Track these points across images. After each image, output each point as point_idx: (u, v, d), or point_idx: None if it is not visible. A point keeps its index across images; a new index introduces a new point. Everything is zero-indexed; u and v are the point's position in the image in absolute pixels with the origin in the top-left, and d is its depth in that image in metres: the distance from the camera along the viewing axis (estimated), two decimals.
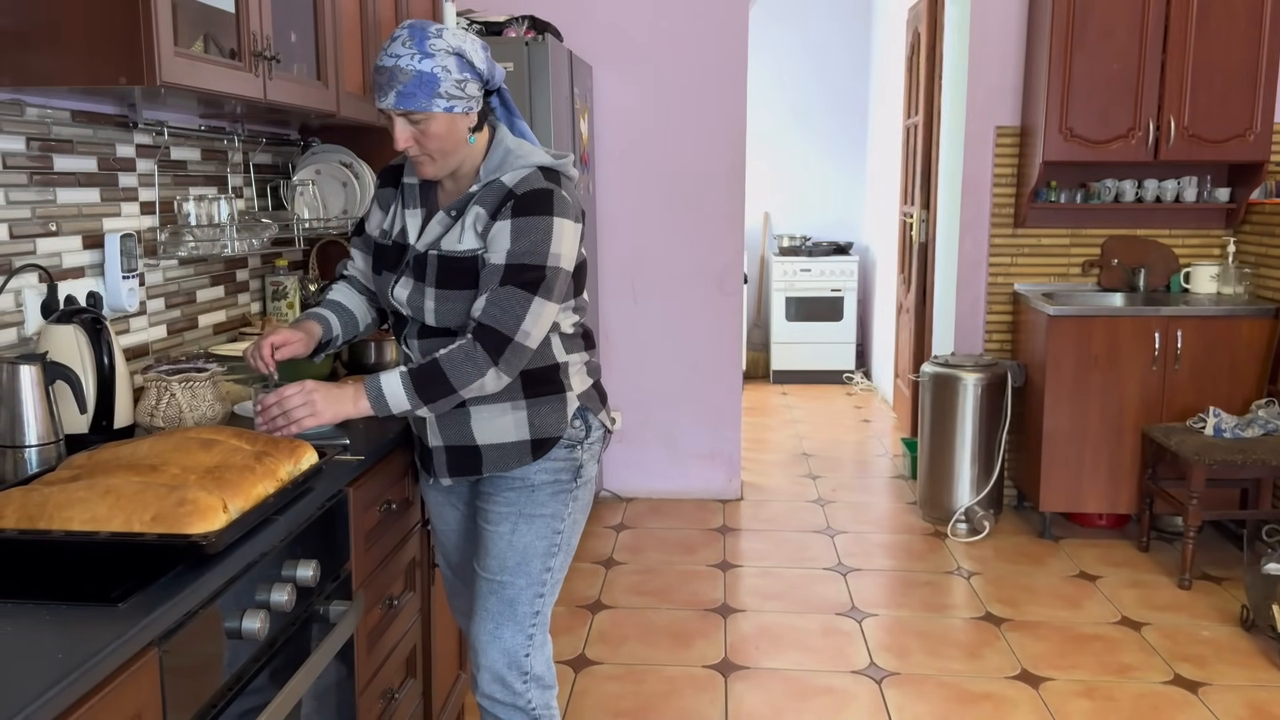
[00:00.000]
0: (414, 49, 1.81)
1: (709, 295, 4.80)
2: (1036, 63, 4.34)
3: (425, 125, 1.85)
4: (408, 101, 1.83)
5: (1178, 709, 2.99)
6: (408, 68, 1.81)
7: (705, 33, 4.61)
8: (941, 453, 4.45)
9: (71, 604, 1.25)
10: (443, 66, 1.82)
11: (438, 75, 1.82)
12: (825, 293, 7.50)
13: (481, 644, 2.06)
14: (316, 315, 2.10)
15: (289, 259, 3.09)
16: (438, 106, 1.84)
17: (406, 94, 1.82)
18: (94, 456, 1.62)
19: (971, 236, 4.66)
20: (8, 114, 1.94)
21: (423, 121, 1.85)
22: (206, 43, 2.00)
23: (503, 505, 2.05)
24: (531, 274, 1.88)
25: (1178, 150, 4.20)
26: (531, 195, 1.89)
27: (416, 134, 1.87)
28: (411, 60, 1.81)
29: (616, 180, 4.73)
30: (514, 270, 1.87)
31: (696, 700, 3.05)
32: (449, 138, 1.88)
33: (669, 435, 4.91)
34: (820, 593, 3.82)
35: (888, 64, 6.94)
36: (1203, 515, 3.81)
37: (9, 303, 1.96)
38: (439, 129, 1.86)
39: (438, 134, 1.87)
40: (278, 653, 1.59)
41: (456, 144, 1.90)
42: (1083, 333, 4.17)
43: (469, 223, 1.93)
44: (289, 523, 1.61)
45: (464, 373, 1.87)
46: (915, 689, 3.11)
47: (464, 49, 1.85)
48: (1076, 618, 3.60)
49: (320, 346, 2.09)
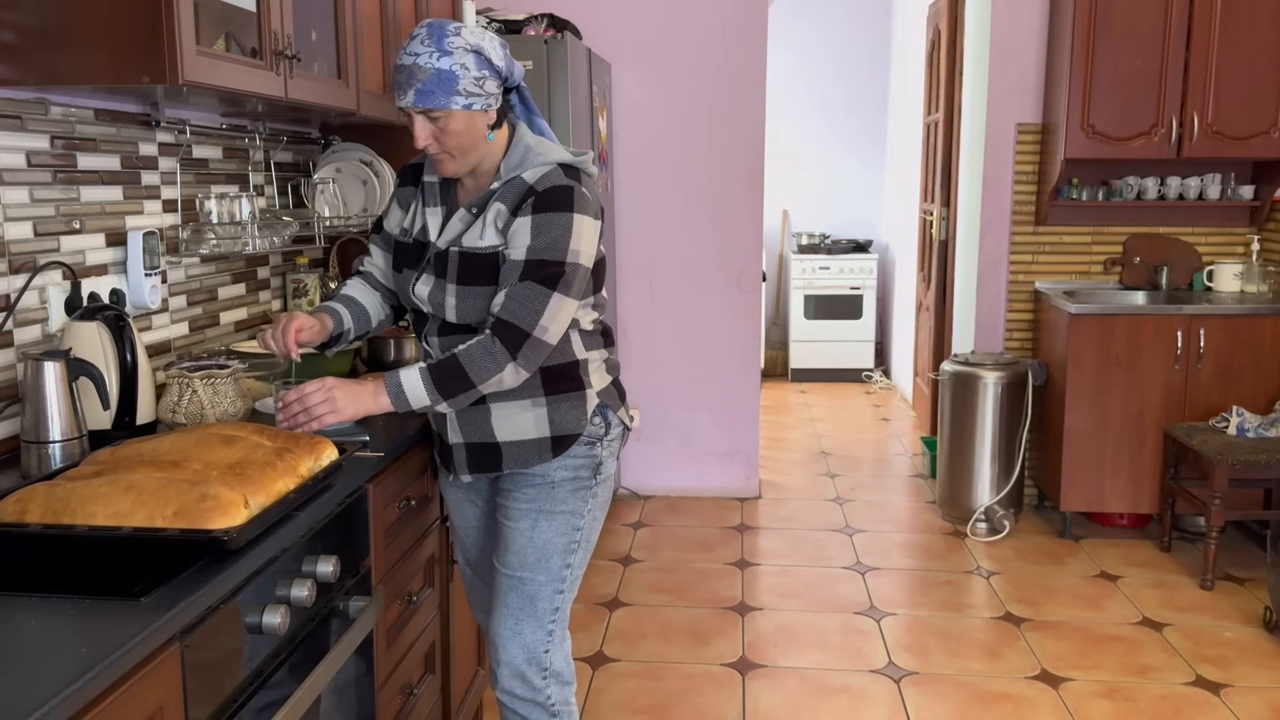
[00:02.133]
0: (432, 47, 1.82)
1: (727, 293, 4.79)
2: (1058, 59, 4.31)
3: (444, 123, 1.86)
4: (426, 99, 1.83)
5: (1199, 710, 2.97)
6: (426, 66, 1.82)
7: (724, 30, 4.61)
8: (961, 452, 4.43)
9: (95, 598, 1.26)
10: (461, 64, 1.83)
11: (456, 73, 1.83)
12: (844, 291, 7.47)
13: (501, 640, 2.07)
14: (329, 309, 2.10)
15: (309, 256, 3.11)
16: (456, 104, 1.84)
17: (425, 92, 1.83)
18: (117, 452, 1.63)
19: (992, 234, 4.63)
20: (32, 113, 1.96)
21: (442, 119, 1.86)
22: (228, 42, 2.01)
23: (523, 502, 2.05)
24: (551, 270, 1.88)
25: (1201, 147, 4.17)
26: (552, 191, 1.90)
27: (436, 131, 1.88)
28: (430, 58, 1.82)
29: (635, 178, 4.73)
30: (533, 266, 1.88)
31: (714, 698, 3.05)
32: (468, 135, 1.89)
33: (687, 433, 4.91)
34: (838, 592, 3.81)
35: (908, 60, 6.91)
36: (1225, 515, 3.78)
37: (33, 300, 1.98)
38: (458, 126, 1.87)
39: (457, 131, 1.87)
40: (298, 648, 1.60)
41: (475, 141, 1.91)
42: (1104, 331, 4.14)
43: (490, 219, 1.93)
44: (309, 519, 1.62)
45: (483, 367, 1.87)
46: (934, 689, 3.10)
47: (482, 46, 1.86)
48: (1097, 618, 3.57)
49: (331, 340, 2.09)
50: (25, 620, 1.22)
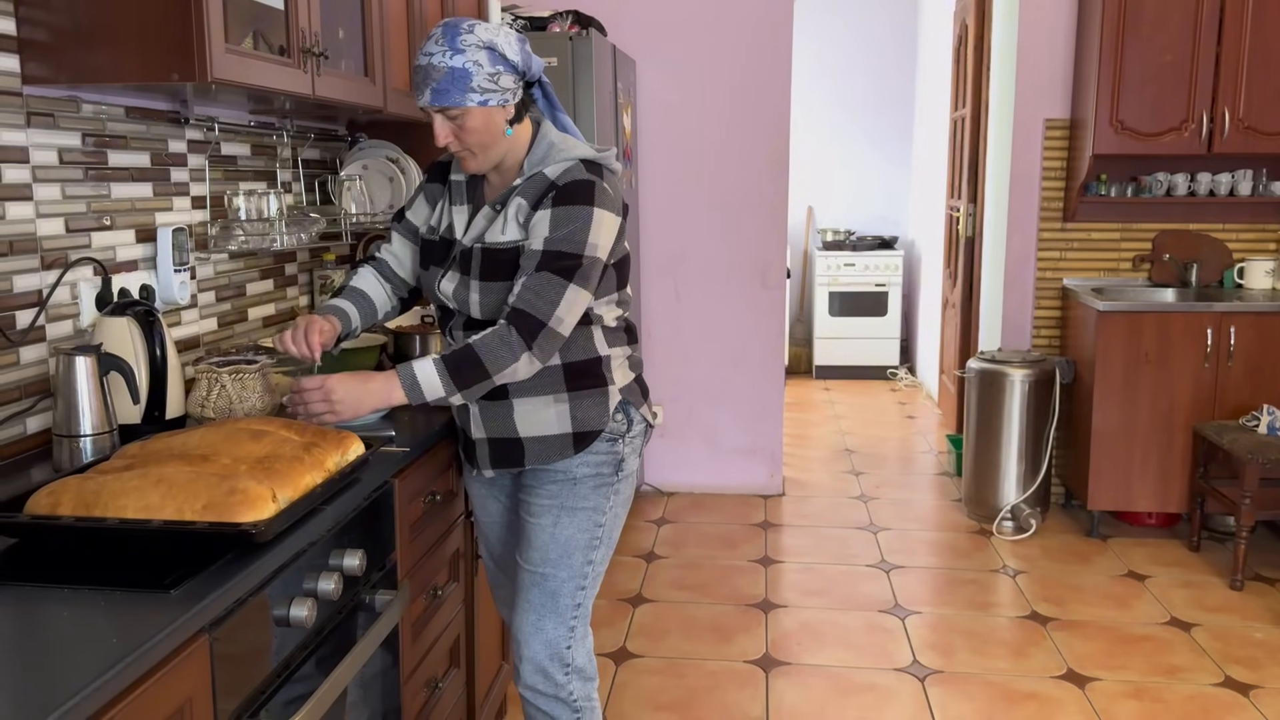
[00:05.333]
0: (445, 46, 1.85)
1: (752, 290, 4.78)
2: (1087, 54, 4.27)
3: (462, 120, 1.88)
4: (442, 98, 1.86)
5: (1228, 711, 2.94)
6: (440, 65, 1.84)
7: (749, 25, 4.59)
8: (987, 450, 4.40)
9: (125, 590, 1.28)
10: (474, 61, 1.85)
11: (469, 70, 1.85)
12: (869, 287, 7.44)
13: (524, 635, 2.08)
14: (337, 309, 2.10)
15: (336, 253, 3.13)
16: (471, 100, 1.86)
17: (440, 90, 1.85)
18: (146, 446, 1.65)
19: (1020, 231, 4.60)
20: (64, 110, 1.98)
21: (459, 117, 1.88)
22: (256, 39, 2.03)
23: (545, 498, 2.06)
24: (568, 261, 1.89)
25: (1232, 143, 4.12)
26: (573, 186, 1.91)
27: (454, 129, 1.90)
28: (444, 57, 1.84)
29: (660, 174, 4.73)
30: (550, 256, 1.89)
31: (738, 695, 3.04)
32: (486, 131, 1.91)
33: (711, 430, 4.90)
34: (863, 589, 3.80)
35: (935, 56, 6.87)
36: (1256, 515, 3.74)
37: (65, 295, 2.00)
38: (475, 123, 1.89)
39: (474, 128, 1.89)
40: (324, 641, 1.61)
41: (495, 137, 1.93)
42: (1133, 329, 4.10)
43: (511, 214, 1.95)
44: (336, 513, 1.63)
45: (498, 357, 1.88)
46: (959, 688, 3.09)
47: (495, 42, 1.87)
48: (1125, 618, 3.54)
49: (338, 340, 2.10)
50: (58, 611, 1.24)
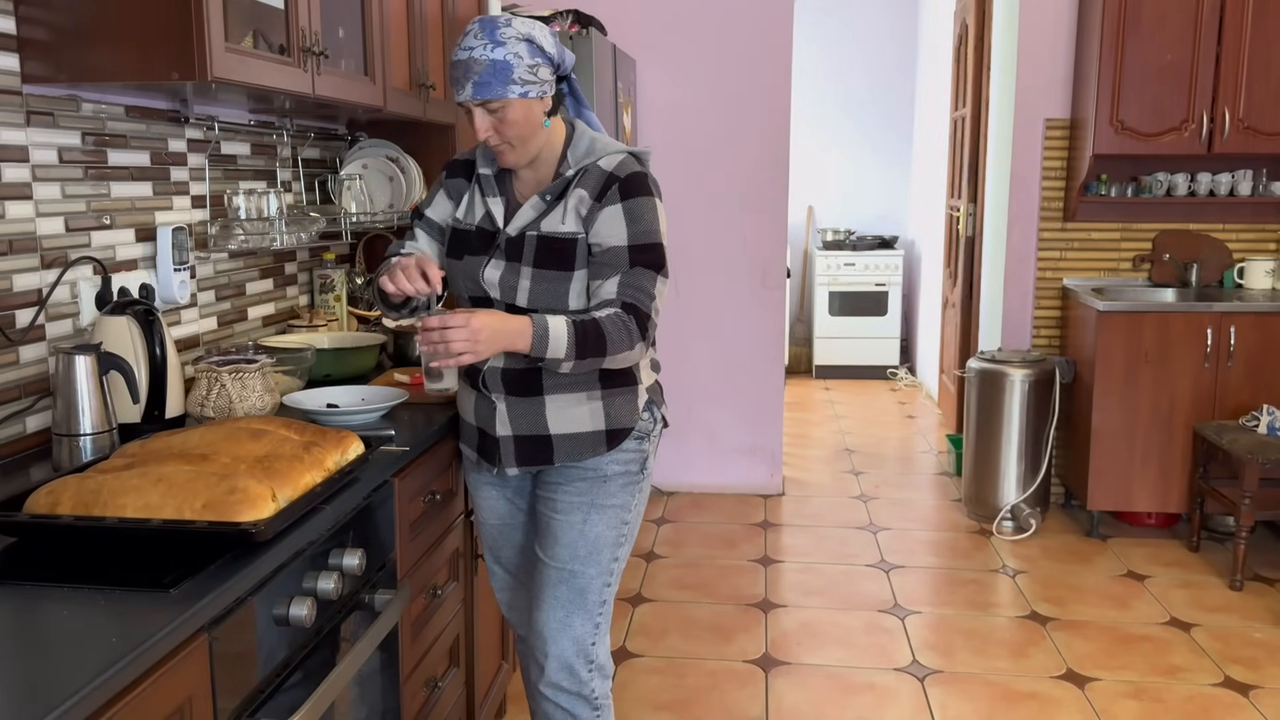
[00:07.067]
0: (485, 39, 1.86)
1: (752, 289, 4.78)
2: (1087, 54, 4.27)
3: (503, 113, 1.89)
4: (484, 91, 1.87)
5: (1228, 712, 2.94)
6: (481, 58, 1.85)
7: (750, 25, 4.59)
8: (987, 449, 4.40)
9: (125, 589, 1.28)
10: (514, 53, 1.86)
11: (510, 62, 1.86)
12: (869, 287, 7.44)
13: (551, 632, 2.07)
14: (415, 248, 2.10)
15: (336, 252, 3.13)
16: (513, 93, 1.87)
17: (482, 84, 1.86)
18: (146, 445, 1.65)
19: (1020, 230, 4.60)
20: (64, 109, 1.98)
21: (500, 110, 1.89)
22: (256, 39, 2.03)
23: (574, 495, 2.05)
24: (653, 254, 1.97)
25: (1232, 143, 4.12)
26: (634, 178, 1.98)
27: (495, 123, 1.91)
28: (485, 50, 1.85)
29: (660, 174, 4.63)
30: (638, 250, 1.95)
31: (737, 695, 3.04)
32: (526, 123, 1.92)
33: (711, 429, 4.90)
34: (863, 589, 3.80)
35: (935, 56, 6.87)
36: (1255, 515, 3.74)
37: (64, 294, 2.00)
38: (516, 115, 1.90)
39: (515, 120, 1.91)
40: (324, 640, 1.61)
41: (534, 129, 1.94)
42: (1133, 329, 4.10)
43: (571, 205, 1.97)
44: (336, 512, 1.63)
45: (620, 340, 1.91)
46: (959, 687, 3.09)
47: (533, 35, 1.89)
48: (1124, 618, 3.54)
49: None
50: (58, 610, 1.24)
